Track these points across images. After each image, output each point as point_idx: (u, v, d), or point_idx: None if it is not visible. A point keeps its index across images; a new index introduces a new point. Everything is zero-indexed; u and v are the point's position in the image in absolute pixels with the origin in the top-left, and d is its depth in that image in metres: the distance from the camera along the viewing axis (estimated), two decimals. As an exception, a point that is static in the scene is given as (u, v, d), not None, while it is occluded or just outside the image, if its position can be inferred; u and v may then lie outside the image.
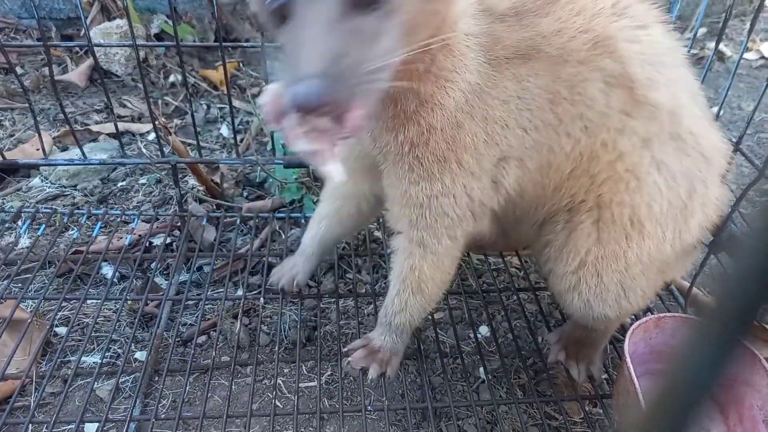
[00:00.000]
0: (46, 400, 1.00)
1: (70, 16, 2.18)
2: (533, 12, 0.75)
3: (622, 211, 0.77)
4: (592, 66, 0.73)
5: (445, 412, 0.99)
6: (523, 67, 0.73)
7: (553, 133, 0.76)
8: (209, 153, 1.66)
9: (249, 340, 1.11)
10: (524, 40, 0.73)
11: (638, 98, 0.74)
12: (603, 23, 0.74)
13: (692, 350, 0.20)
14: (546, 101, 0.74)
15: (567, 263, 0.81)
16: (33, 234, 1.32)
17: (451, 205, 0.77)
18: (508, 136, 0.75)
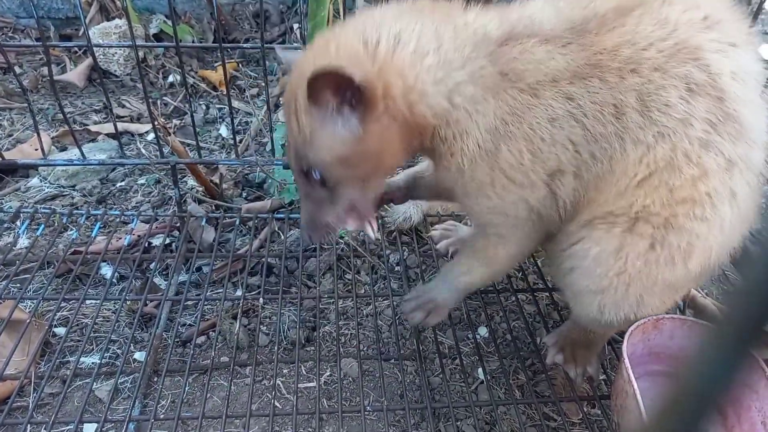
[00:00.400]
0: (45, 401, 1.00)
1: (69, 16, 2.18)
2: (595, 30, 0.73)
3: (681, 238, 0.74)
4: (671, 73, 0.70)
5: (444, 413, 1.00)
6: (576, 86, 0.72)
7: (617, 142, 0.74)
8: (208, 153, 1.66)
9: (248, 340, 1.11)
10: (577, 61, 0.72)
11: (728, 110, 0.71)
12: (689, 32, 0.71)
13: (701, 360, 0.20)
14: (607, 113, 0.72)
15: (609, 268, 0.78)
16: (32, 234, 1.32)
17: (512, 210, 0.80)
18: (558, 153, 0.75)
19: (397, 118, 0.74)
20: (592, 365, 1.00)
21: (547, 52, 0.73)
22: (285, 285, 1.20)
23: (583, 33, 0.73)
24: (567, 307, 1.17)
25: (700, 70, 0.70)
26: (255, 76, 2.03)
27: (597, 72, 0.72)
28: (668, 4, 0.72)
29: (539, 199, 0.79)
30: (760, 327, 0.19)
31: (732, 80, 0.70)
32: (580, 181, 0.77)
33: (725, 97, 0.70)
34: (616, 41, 0.71)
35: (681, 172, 0.72)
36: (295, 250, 1.29)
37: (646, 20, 0.72)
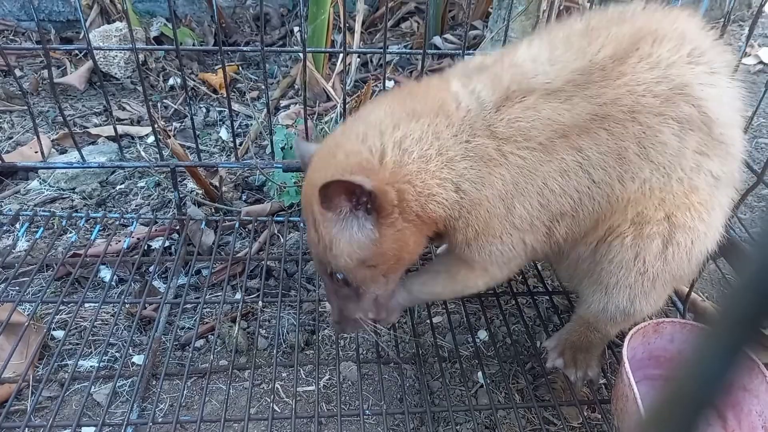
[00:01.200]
0: (43, 404, 0.99)
1: (70, 19, 2.19)
2: (599, 82, 0.76)
3: (687, 237, 0.80)
4: (667, 115, 0.75)
5: (444, 417, 0.99)
6: (584, 139, 0.76)
7: (617, 183, 0.78)
8: (208, 156, 1.66)
9: (247, 343, 1.10)
10: (584, 114, 0.75)
11: (716, 137, 0.77)
12: (679, 71, 0.76)
13: (696, 359, 0.20)
14: (611, 161, 0.77)
15: (630, 269, 0.82)
16: (31, 237, 1.31)
17: (509, 251, 0.84)
18: (564, 201, 0.79)
19: (410, 220, 0.78)
20: (592, 369, 1.00)
21: (552, 109, 0.76)
22: (284, 288, 1.20)
23: (587, 85, 0.76)
24: (567, 310, 1.17)
25: (690, 106, 0.76)
26: (255, 79, 2.03)
27: (605, 124, 0.76)
28: (657, 43, 0.77)
29: (536, 239, 0.83)
30: (755, 326, 0.19)
31: (717, 107, 0.77)
32: (576, 221, 0.82)
33: (713, 125, 0.76)
34: (618, 92, 0.75)
35: (672, 189, 0.78)
36: (294, 253, 1.28)
37: (641, 66, 0.76)
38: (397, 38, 2.27)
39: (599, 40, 0.77)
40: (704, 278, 1.09)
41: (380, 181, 0.75)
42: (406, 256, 0.83)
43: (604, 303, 0.88)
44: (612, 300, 0.87)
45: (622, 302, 0.86)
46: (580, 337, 0.98)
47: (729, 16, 1.03)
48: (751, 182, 0.92)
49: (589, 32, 0.79)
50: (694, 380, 0.20)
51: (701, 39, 0.79)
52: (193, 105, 1.89)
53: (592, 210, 0.81)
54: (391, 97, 0.85)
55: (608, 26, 0.79)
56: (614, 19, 0.80)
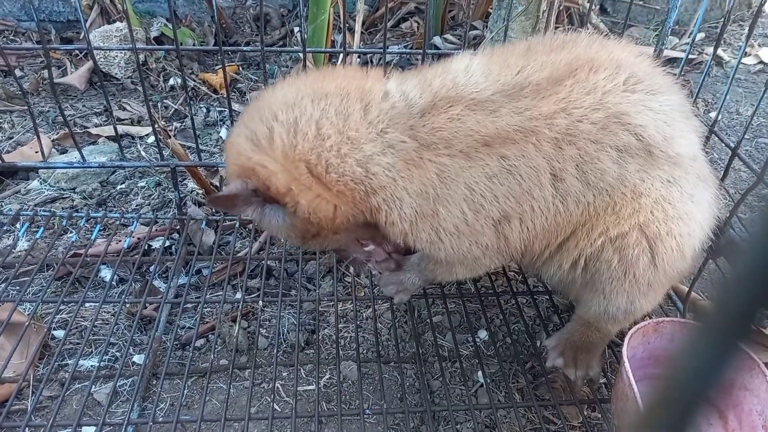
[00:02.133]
0: (44, 404, 0.99)
1: (70, 19, 2.19)
2: (531, 96, 0.77)
3: (673, 242, 0.80)
4: (605, 143, 0.77)
5: (444, 416, 0.99)
6: (510, 148, 0.77)
7: (559, 202, 0.80)
8: (209, 156, 1.66)
9: (248, 343, 1.10)
10: (510, 126, 0.76)
11: (658, 156, 0.79)
12: (615, 99, 0.77)
13: (690, 354, 0.20)
14: (544, 179, 0.78)
15: (623, 281, 0.84)
16: (31, 237, 1.31)
17: (468, 252, 0.84)
18: (501, 204, 0.79)
19: (318, 195, 0.79)
20: (593, 368, 1.00)
21: (477, 120, 0.76)
22: (285, 288, 1.20)
23: (518, 98, 0.77)
24: (567, 309, 1.17)
25: (629, 134, 0.77)
26: (255, 79, 2.03)
27: (531, 138, 0.76)
28: (594, 71, 0.78)
29: (491, 239, 0.83)
30: (748, 321, 0.19)
31: (655, 131, 0.78)
32: (529, 226, 0.82)
33: (653, 149, 0.78)
34: (552, 108, 0.77)
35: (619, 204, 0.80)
36: (294, 252, 1.28)
37: (577, 89, 0.77)
38: (397, 38, 2.28)
39: (537, 63, 0.79)
40: (704, 278, 1.09)
41: (269, 169, 0.77)
42: (342, 224, 0.83)
43: (603, 306, 0.89)
44: (611, 303, 0.88)
45: (622, 304, 0.87)
46: (581, 336, 0.98)
47: (729, 16, 1.03)
48: (751, 182, 0.92)
49: (528, 54, 0.81)
50: (688, 375, 0.21)
51: (637, 67, 0.81)
52: (194, 105, 1.89)
53: (545, 221, 0.81)
54: (312, 76, 0.85)
55: (547, 51, 0.81)
56: (554, 45, 0.82)
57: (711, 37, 2.42)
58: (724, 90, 0.99)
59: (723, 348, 0.20)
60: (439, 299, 1.18)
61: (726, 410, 0.88)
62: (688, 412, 0.21)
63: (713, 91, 2.09)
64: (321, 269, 1.25)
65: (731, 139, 1.05)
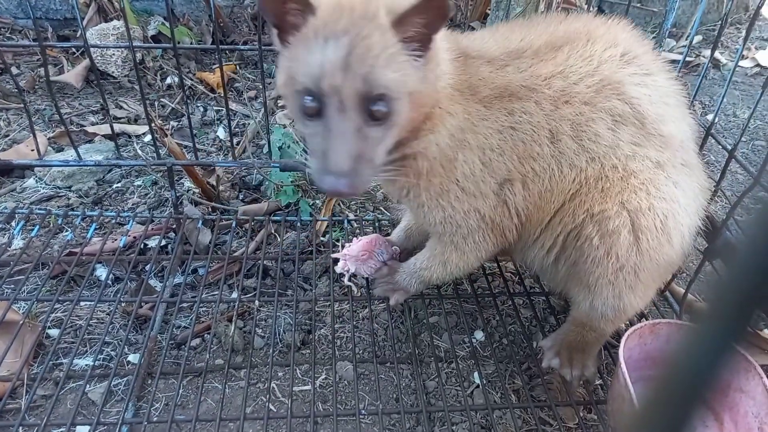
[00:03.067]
0: (37, 403, 0.99)
1: (67, 17, 2.18)
2: (530, 57, 0.84)
3: (655, 217, 0.82)
4: (599, 107, 0.82)
5: (440, 417, 0.99)
6: (515, 103, 0.83)
7: (555, 163, 0.84)
8: (205, 155, 1.65)
9: (243, 343, 1.10)
10: (515, 81, 0.83)
11: (650, 131, 0.83)
12: (611, 69, 0.83)
13: (686, 356, 0.20)
14: (543, 137, 0.83)
15: (606, 268, 0.85)
16: (27, 235, 1.31)
17: (463, 221, 0.89)
18: (506, 162, 0.84)
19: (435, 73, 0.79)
20: (588, 368, 1.00)
21: (489, 72, 0.84)
22: (281, 288, 1.20)
23: (520, 57, 0.85)
24: (564, 310, 1.17)
25: (623, 103, 0.82)
26: (253, 78, 2.03)
27: (533, 95, 0.83)
28: (591, 42, 0.84)
29: (491, 208, 0.87)
30: (742, 322, 0.19)
31: (650, 105, 0.83)
32: (529, 191, 0.87)
33: (646, 121, 0.82)
34: (550, 70, 0.83)
35: (609, 178, 0.83)
36: (291, 252, 1.28)
37: (574, 56, 0.84)
38: (396, 39, 2.27)
39: (537, 31, 0.87)
40: (701, 280, 1.09)
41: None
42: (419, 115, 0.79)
43: (590, 301, 0.89)
44: (597, 297, 0.88)
45: (608, 298, 0.87)
46: (576, 337, 0.98)
47: (726, 19, 1.03)
48: (747, 184, 0.92)
49: (530, 25, 0.89)
50: (684, 376, 0.20)
51: (634, 44, 0.86)
52: (191, 104, 1.89)
53: (541, 185, 0.85)
54: None
55: (547, 24, 0.89)
56: (554, 20, 0.89)
57: (708, 39, 2.43)
58: (721, 92, 0.99)
59: (719, 350, 0.20)
60: (435, 300, 1.17)
61: (722, 412, 0.88)
62: (684, 414, 0.21)
63: (710, 93, 2.10)
64: (317, 269, 1.25)
65: (728, 142, 1.05)
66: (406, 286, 1.09)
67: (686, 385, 0.20)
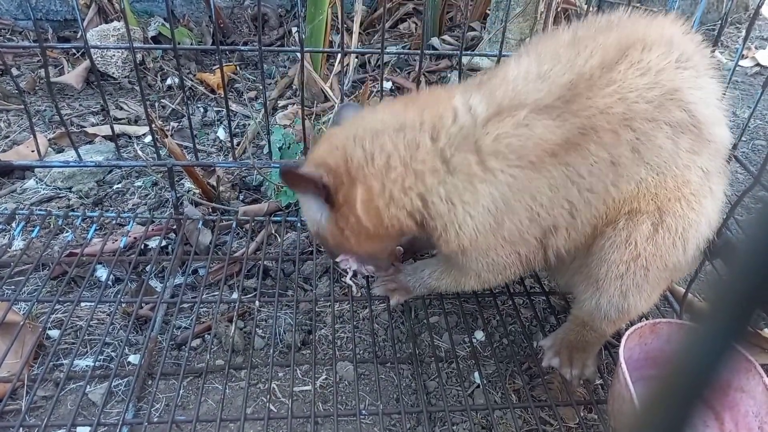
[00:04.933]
0: (38, 404, 0.99)
1: (67, 18, 2.18)
2: (586, 94, 0.76)
3: (677, 222, 0.81)
4: (660, 120, 0.77)
5: (440, 417, 0.99)
6: (572, 155, 0.77)
7: (611, 187, 0.80)
8: (206, 156, 1.65)
9: (244, 343, 1.10)
10: (573, 129, 0.76)
11: (705, 137, 0.80)
12: (669, 77, 0.77)
13: (687, 356, 0.20)
14: (604, 168, 0.78)
15: (623, 253, 0.83)
16: (27, 236, 1.31)
17: (502, 261, 0.88)
18: (555, 214, 0.81)
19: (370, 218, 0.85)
20: (588, 368, 1.00)
21: (544, 126, 0.76)
22: (281, 288, 1.20)
23: (574, 98, 0.77)
24: (564, 310, 1.17)
25: (681, 111, 0.78)
26: (253, 79, 2.03)
27: (593, 137, 0.76)
28: (647, 50, 0.78)
29: (530, 250, 0.86)
30: (743, 322, 0.19)
31: (704, 108, 0.79)
32: (575, 228, 0.84)
33: (702, 126, 0.79)
34: (608, 101, 0.76)
35: (666, 185, 0.80)
36: (291, 253, 1.28)
37: (631, 72, 0.77)
38: (395, 39, 2.28)
39: (587, 51, 0.78)
40: (701, 279, 1.09)
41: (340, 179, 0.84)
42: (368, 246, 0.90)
43: (596, 298, 0.88)
44: (604, 294, 0.87)
45: (614, 296, 0.86)
46: (577, 336, 0.98)
47: (726, 19, 1.03)
48: (748, 183, 0.92)
49: (576, 43, 0.80)
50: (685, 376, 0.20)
51: (687, 44, 0.81)
52: (191, 105, 1.89)
53: (589, 215, 0.82)
54: (393, 105, 0.90)
55: (595, 36, 0.80)
56: (601, 27, 0.81)
57: (708, 39, 2.42)
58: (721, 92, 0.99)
59: (719, 349, 0.20)
60: (436, 300, 1.17)
61: (722, 412, 0.88)
62: (685, 413, 0.21)
63: (710, 93, 2.10)
64: (318, 269, 1.25)
65: (728, 141, 1.05)
66: (409, 288, 1.10)
67: (687, 385, 0.20)
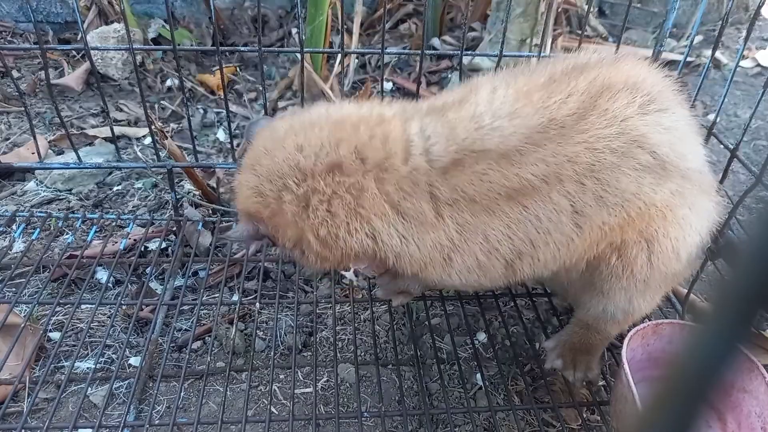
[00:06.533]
0: (39, 406, 0.99)
1: (68, 20, 2.18)
2: (555, 139, 0.75)
3: (668, 243, 0.82)
4: (625, 167, 0.76)
5: (442, 419, 0.99)
6: (533, 199, 0.76)
7: (574, 232, 0.79)
8: (206, 157, 1.65)
9: (244, 345, 1.10)
10: (536, 174, 0.75)
11: (670, 171, 0.79)
12: (634, 124, 0.76)
13: (689, 356, 0.20)
14: (565, 218, 0.77)
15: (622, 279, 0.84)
16: (27, 238, 1.31)
17: (474, 284, 0.85)
18: (516, 246, 0.78)
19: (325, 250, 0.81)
20: (591, 370, 1.00)
21: (503, 175, 0.75)
22: (282, 290, 1.20)
23: (543, 144, 0.75)
24: (566, 312, 1.17)
25: (646, 153, 0.77)
26: (253, 80, 2.03)
27: (556, 186, 0.75)
28: (612, 98, 0.77)
29: (501, 273, 0.83)
30: (746, 323, 0.18)
31: (669, 148, 0.78)
32: (539, 260, 0.81)
33: (667, 165, 0.78)
34: (576, 149, 0.75)
35: (632, 219, 0.79)
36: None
37: (599, 122, 0.76)
38: (396, 40, 2.27)
39: (559, 96, 0.77)
40: (703, 279, 1.08)
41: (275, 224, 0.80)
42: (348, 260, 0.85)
43: (603, 305, 0.90)
44: (611, 301, 0.88)
45: (620, 302, 0.88)
46: (580, 338, 0.98)
47: (726, 19, 1.03)
48: (749, 184, 0.92)
49: (549, 85, 0.79)
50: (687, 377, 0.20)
51: (651, 85, 0.80)
52: (191, 106, 1.89)
53: (552, 255, 0.81)
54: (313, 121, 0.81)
55: (567, 80, 0.79)
56: (571, 71, 0.80)
57: (709, 39, 2.42)
58: (722, 92, 0.99)
59: (722, 350, 0.20)
60: (437, 301, 1.17)
61: (725, 412, 0.88)
62: (688, 414, 0.20)
63: (711, 93, 2.09)
64: (318, 271, 1.25)
65: (730, 141, 1.05)
66: (410, 289, 1.10)
67: (690, 386, 0.20)
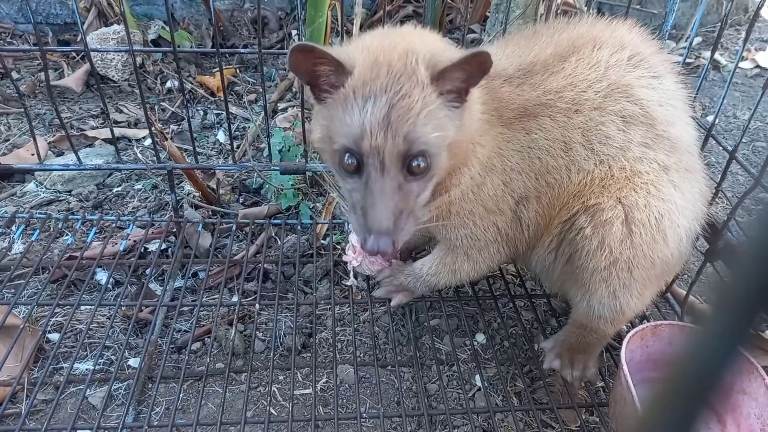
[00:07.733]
0: (38, 408, 0.99)
1: (67, 22, 2.18)
2: (541, 73, 0.85)
3: (650, 214, 0.82)
4: (608, 110, 0.83)
5: (441, 420, 0.99)
6: (532, 122, 0.85)
7: (565, 172, 0.86)
8: (205, 159, 1.65)
9: (244, 346, 1.10)
10: (531, 100, 0.84)
11: (659, 132, 0.83)
12: (619, 73, 0.83)
13: (689, 358, 0.20)
14: (558, 149, 0.85)
15: (599, 261, 0.84)
16: (27, 239, 1.31)
17: (483, 235, 0.91)
18: (525, 180, 0.87)
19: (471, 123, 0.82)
20: (589, 369, 1.00)
21: (509, 92, 0.85)
22: (281, 291, 1.20)
23: (531, 74, 0.86)
24: (565, 312, 1.17)
25: (633, 104, 0.83)
26: (253, 81, 2.03)
27: (548, 111, 0.84)
28: (598, 48, 0.85)
29: (507, 222, 0.90)
30: (746, 325, 0.19)
31: (659, 107, 0.83)
32: (540, 204, 0.88)
33: (655, 123, 0.83)
34: (561, 83, 0.85)
35: (615, 176, 0.84)
36: (291, 255, 1.28)
37: (582, 65, 0.85)
38: (395, 41, 2.27)
39: (541, 42, 0.88)
40: (702, 281, 1.08)
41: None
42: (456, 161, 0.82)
43: (587, 300, 0.90)
44: (593, 296, 0.88)
45: (603, 297, 0.87)
46: (578, 338, 0.98)
47: (726, 20, 1.03)
48: (748, 185, 0.92)
49: (534, 36, 0.90)
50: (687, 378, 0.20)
51: (641, 46, 0.86)
52: (191, 108, 1.89)
53: (552, 195, 0.87)
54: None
55: (551, 32, 0.89)
56: (558, 27, 0.90)
57: (708, 41, 2.43)
58: (722, 94, 0.99)
59: (722, 352, 0.20)
60: (436, 303, 1.17)
61: (724, 414, 0.88)
62: (688, 416, 0.21)
63: (710, 94, 2.10)
64: (318, 272, 1.25)
65: (729, 143, 1.05)
66: (411, 289, 1.09)
67: (690, 388, 0.20)
